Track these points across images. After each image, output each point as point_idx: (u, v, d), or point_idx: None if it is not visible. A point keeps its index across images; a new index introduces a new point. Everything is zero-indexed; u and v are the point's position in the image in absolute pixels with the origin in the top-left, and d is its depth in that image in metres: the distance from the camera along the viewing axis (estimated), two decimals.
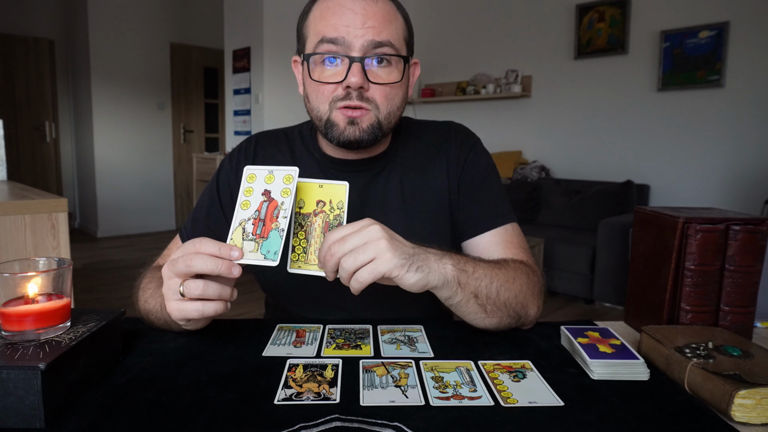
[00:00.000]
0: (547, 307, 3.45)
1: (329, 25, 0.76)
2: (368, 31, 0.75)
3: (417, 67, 0.88)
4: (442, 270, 0.67)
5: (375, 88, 0.77)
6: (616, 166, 4.01)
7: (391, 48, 0.77)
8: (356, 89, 0.76)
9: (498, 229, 0.86)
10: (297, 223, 0.65)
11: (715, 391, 0.55)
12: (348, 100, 0.76)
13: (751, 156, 3.43)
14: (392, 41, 0.77)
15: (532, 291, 0.77)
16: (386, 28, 0.76)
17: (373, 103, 0.78)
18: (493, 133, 4.75)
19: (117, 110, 5.59)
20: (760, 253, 0.72)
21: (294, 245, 0.64)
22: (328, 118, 0.79)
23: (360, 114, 0.77)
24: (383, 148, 0.89)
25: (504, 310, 0.73)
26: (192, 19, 6.05)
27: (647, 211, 0.82)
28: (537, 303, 0.78)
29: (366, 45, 0.75)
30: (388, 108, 0.79)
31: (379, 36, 0.75)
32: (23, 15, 5.39)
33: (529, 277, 0.78)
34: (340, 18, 0.75)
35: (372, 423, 0.51)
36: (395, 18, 0.79)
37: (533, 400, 0.56)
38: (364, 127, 0.78)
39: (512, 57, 4.56)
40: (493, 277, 0.72)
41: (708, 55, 3.52)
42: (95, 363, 0.59)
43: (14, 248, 1.49)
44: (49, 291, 0.59)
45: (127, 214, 5.74)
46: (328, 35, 0.75)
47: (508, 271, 0.75)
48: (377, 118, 0.78)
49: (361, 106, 0.77)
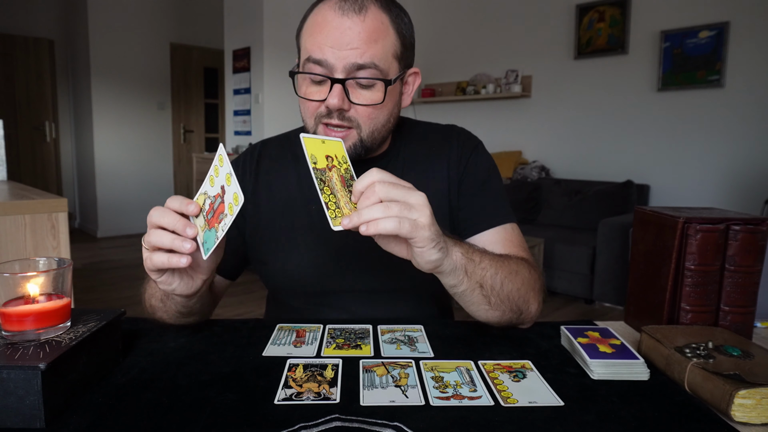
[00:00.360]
0: (547, 307, 3.45)
1: (315, 44, 0.76)
2: (351, 53, 0.74)
3: (417, 77, 0.86)
4: (454, 255, 0.67)
5: (357, 109, 0.77)
6: (616, 166, 4.01)
7: (375, 69, 0.75)
8: (336, 111, 0.76)
9: (498, 228, 0.87)
10: (318, 179, 0.63)
11: (715, 391, 0.55)
12: (330, 119, 0.77)
13: (751, 156, 3.43)
14: (376, 62, 0.75)
15: (533, 286, 0.78)
16: (371, 48, 0.75)
17: (356, 122, 0.78)
18: (493, 133, 4.75)
19: (117, 110, 5.60)
20: (760, 253, 0.72)
21: (326, 202, 0.62)
22: (315, 132, 0.80)
23: (342, 135, 0.78)
24: (384, 149, 0.90)
25: (507, 303, 0.74)
26: (192, 19, 6.05)
27: (647, 211, 0.82)
28: (537, 299, 0.79)
29: (348, 67, 0.74)
30: (372, 127, 0.79)
31: (361, 58, 0.74)
32: (23, 15, 5.39)
33: (530, 272, 0.79)
34: (325, 37, 0.75)
35: (372, 423, 0.51)
36: (385, 34, 0.77)
37: (533, 400, 0.56)
38: (347, 146, 0.78)
39: (512, 57, 4.56)
40: (498, 269, 0.72)
41: (708, 55, 3.52)
42: (95, 363, 0.59)
43: (14, 248, 1.49)
44: (49, 291, 0.59)
45: (127, 214, 5.73)
46: (314, 56, 0.75)
47: (511, 265, 0.76)
48: (359, 136, 0.79)
49: (342, 125, 0.77)
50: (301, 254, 0.87)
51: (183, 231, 0.61)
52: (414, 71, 0.85)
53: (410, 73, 0.84)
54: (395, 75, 0.79)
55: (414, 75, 0.86)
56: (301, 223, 0.88)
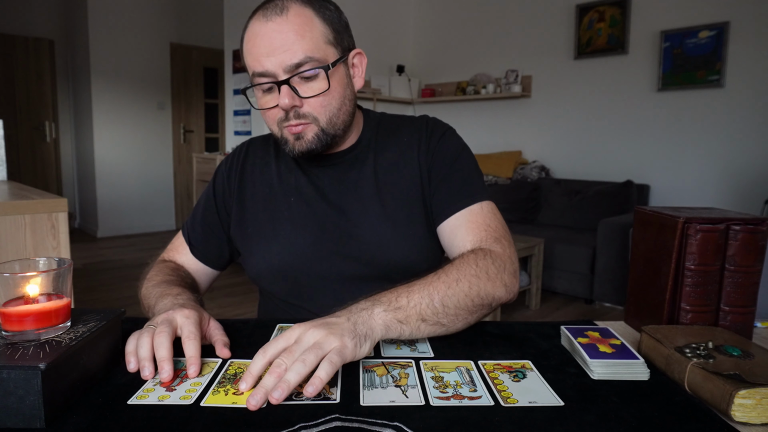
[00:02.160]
0: (547, 307, 3.46)
1: (253, 59, 0.80)
2: (285, 55, 0.78)
3: (362, 57, 0.89)
4: (378, 322, 0.65)
5: (308, 102, 0.81)
6: (616, 166, 4.01)
7: (312, 61, 0.79)
8: (290, 109, 0.81)
9: (463, 211, 0.87)
10: None
11: (715, 391, 0.55)
12: (289, 120, 0.82)
13: (751, 156, 3.43)
14: (310, 54, 0.79)
15: (490, 276, 0.75)
16: (300, 43, 0.78)
17: (311, 116, 0.82)
18: (493, 133, 4.75)
19: (117, 110, 5.59)
20: (760, 253, 0.72)
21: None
22: (281, 136, 0.85)
23: (301, 129, 0.82)
24: (351, 142, 0.94)
25: (463, 313, 0.72)
26: (192, 19, 6.05)
27: (647, 211, 0.82)
28: (502, 282, 0.76)
29: (286, 68, 0.79)
30: (327, 115, 0.83)
31: (295, 57, 0.78)
32: (23, 15, 5.39)
33: (478, 264, 0.75)
34: (258, 49, 0.79)
35: (372, 423, 0.51)
36: (311, 27, 0.79)
37: (533, 400, 0.56)
38: (309, 138, 0.83)
39: (512, 57, 4.56)
40: (432, 294, 0.69)
41: (708, 55, 3.52)
42: (95, 363, 0.59)
43: (14, 248, 1.49)
44: (50, 291, 0.59)
45: (127, 214, 5.74)
46: (256, 69, 0.80)
47: (449, 275, 0.73)
48: (319, 127, 0.83)
49: (300, 122, 0.82)
50: (281, 244, 0.91)
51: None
52: (357, 52, 0.89)
53: (353, 54, 0.88)
54: (334, 59, 0.82)
55: (359, 55, 0.89)
56: (281, 215, 0.92)
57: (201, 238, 0.99)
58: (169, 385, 0.59)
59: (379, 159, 0.93)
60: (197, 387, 0.58)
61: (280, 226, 0.92)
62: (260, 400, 0.54)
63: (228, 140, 4.87)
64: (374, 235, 0.88)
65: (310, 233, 0.90)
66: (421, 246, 0.90)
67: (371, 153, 0.93)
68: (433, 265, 0.88)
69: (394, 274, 0.89)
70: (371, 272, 0.89)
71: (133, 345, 0.63)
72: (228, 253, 1.01)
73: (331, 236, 0.89)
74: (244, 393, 0.57)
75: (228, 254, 1.01)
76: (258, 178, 0.97)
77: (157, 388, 0.58)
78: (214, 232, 0.99)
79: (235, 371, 0.62)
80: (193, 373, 0.61)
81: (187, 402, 0.55)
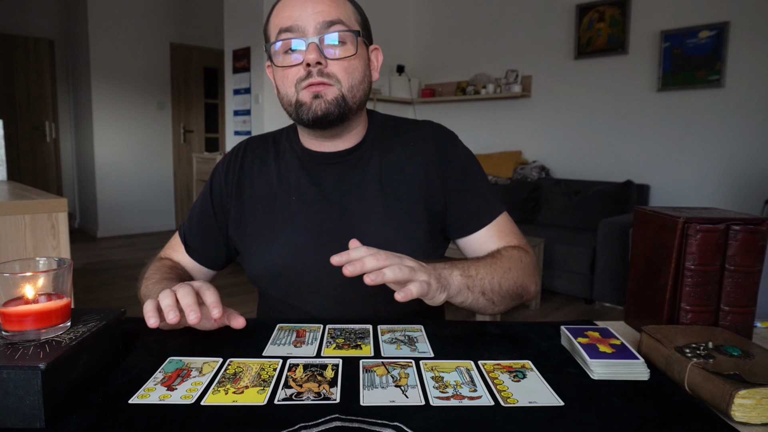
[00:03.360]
0: (547, 307, 3.46)
1: (284, 17, 0.83)
2: (319, 14, 0.81)
3: (378, 52, 0.93)
4: (455, 282, 0.75)
5: (333, 64, 0.83)
6: (616, 166, 4.01)
7: (343, 25, 0.82)
8: (315, 66, 0.81)
9: (491, 224, 0.92)
10: None
11: (715, 391, 0.55)
12: (310, 78, 0.82)
13: (751, 156, 3.43)
14: (343, 19, 0.83)
15: (528, 272, 0.87)
16: (335, 8, 0.82)
17: (334, 77, 0.83)
18: (493, 133, 4.75)
19: (117, 110, 5.59)
20: (760, 253, 0.72)
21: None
22: (297, 99, 0.85)
23: (323, 88, 0.83)
24: (357, 140, 0.93)
25: (507, 297, 0.83)
26: (192, 19, 6.05)
27: (647, 211, 0.82)
28: (534, 280, 0.88)
29: (318, 26, 0.81)
30: (350, 81, 0.84)
31: (329, 16, 0.81)
32: (23, 15, 5.39)
33: (522, 260, 0.86)
34: (292, 9, 0.82)
35: (372, 423, 0.51)
36: (344, 2, 0.85)
37: (533, 400, 0.56)
38: (329, 99, 0.83)
39: (512, 57, 4.56)
40: (493, 273, 0.81)
41: (708, 55, 3.52)
42: (95, 363, 0.59)
43: (14, 248, 1.49)
44: (50, 291, 0.59)
45: (127, 214, 5.73)
46: (284, 25, 0.82)
47: (504, 263, 0.84)
48: (340, 91, 0.84)
49: (323, 81, 0.82)
50: (281, 244, 0.90)
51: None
52: (375, 47, 0.92)
53: (372, 48, 0.91)
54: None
55: (376, 51, 0.92)
56: (281, 215, 0.92)
57: (198, 239, 0.99)
58: (188, 324, 0.62)
59: (384, 160, 0.93)
60: (198, 386, 0.58)
61: (280, 226, 0.91)
62: (356, 270, 0.62)
63: (228, 140, 4.86)
64: (377, 236, 0.88)
65: (311, 233, 0.90)
66: (423, 248, 0.90)
67: (375, 153, 0.93)
68: None
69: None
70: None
71: (152, 303, 0.65)
72: (225, 253, 1.01)
73: (332, 237, 0.89)
74: (244, 391, 0.57)
75: (225, 255, 1.01)
76: (257, 178, 0.96)
77: (158, 387, 0.58)
78: (211, 233, 0.99)
79: (234, 370, 0.62)
80: (217, 314, 0.67)
81: (188, 401, 0.55)
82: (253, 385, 0.58)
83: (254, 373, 0.61)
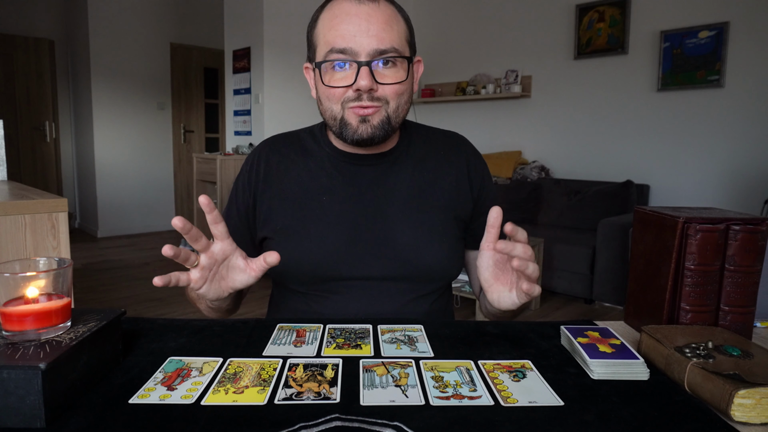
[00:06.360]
0: (547, 307, 3.46)
1: (337, 35, 0.81)
2: (372, 40, 0.80)
3: (420, 65, 0.93)
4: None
5: (383, 88, 0.83)
6: (616, 166, 4.01)
7: (395, 51, 0.82)
8: (366, 91, 0.81)
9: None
10: None
11: (714, 391, 0.55)
12: (359, 101, 0.82)
13: (751, 156, 3.43)
14: (395, 45, 0.82)
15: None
16: (389, 33, 0.81)
17: (384, 99, 0.84)
18: (493, 133, 4.75)
19: (117, 110, 5.59)
20: (760, 253, 0.72)
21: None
22: (342, 117, 0.85)
23: (372, 111, 0.83)
24: (392, 145, 0.94)
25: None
26: (192, 19, 6.05)
27: (647, 211, 0.82)
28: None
29: (371, 52, 0.81)
30: (397, 103, 0.85)
31: (382, 44, 0.81)
32: (23, 15, 5.39)
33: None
34: (346, 26, 0.81)
35: (372, 423, 0.51)
36: (397, 21, 0.84)
37: (533, 399, 0.56)
38: (375, 124, 0.84)
39: (512, 57, 4.56)
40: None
41: (708, 55, 3.52)
42: (95, 363, 0.59)
43: (14, 248, 1.49)
44: (50, 291, 0.59)
45: (127, 214, 5.73)
46: (337, 45, 0.81)
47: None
48: (387, 113, 0.84)
49: (372, 105, 0.83)
50: (311, 241, 0.90)
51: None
52: (418, 59, 0.91)
53: (416, 60, 0.90)
54: (410, 56, 0.86)
55: (418, 63, 0.92)
56: (312, 213, 0.91)
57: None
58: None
59: (419, 165, 0.95)
60: (198, 386, 0.58)
61: (311, 224, 0.91)
62: (507, 248, 0.65)
63: (228, 140, 4.86)
64: (411, 238, 0.89)
65: (344, 232, 0.90)
66: (453, 252, 0.93)
67: (410, 158, 0.95)
68: (460, 272, 0.96)
69: (424, 278, 0.91)
70: (402, 274, 0.90)
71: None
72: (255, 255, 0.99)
73: (365, 236, 0.89)
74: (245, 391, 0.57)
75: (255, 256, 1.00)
76: (285, 177, 0.95)
77: (158, 387, 0.58)
78: (233, 231, 0.96)
79: (234, 370, 0.62)
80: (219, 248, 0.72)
81: (188, 401, 0.55)
82: (253, 384, 0.58)
83: (254, 373, 0.61)
